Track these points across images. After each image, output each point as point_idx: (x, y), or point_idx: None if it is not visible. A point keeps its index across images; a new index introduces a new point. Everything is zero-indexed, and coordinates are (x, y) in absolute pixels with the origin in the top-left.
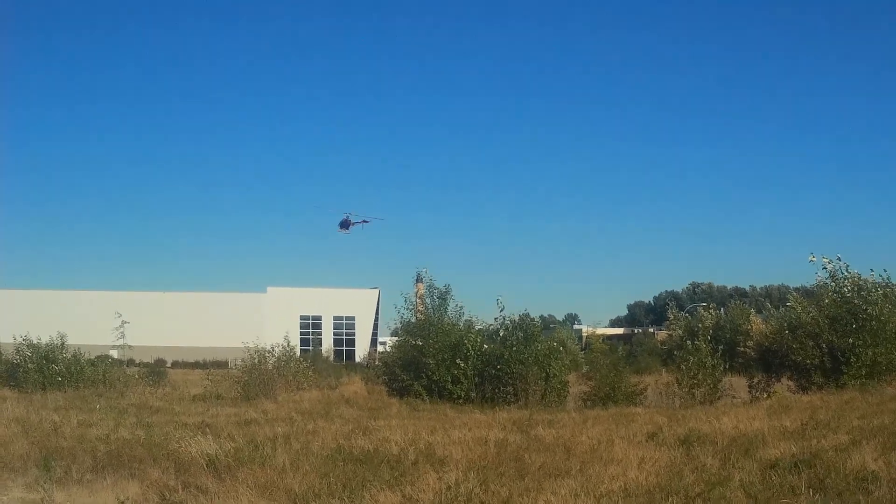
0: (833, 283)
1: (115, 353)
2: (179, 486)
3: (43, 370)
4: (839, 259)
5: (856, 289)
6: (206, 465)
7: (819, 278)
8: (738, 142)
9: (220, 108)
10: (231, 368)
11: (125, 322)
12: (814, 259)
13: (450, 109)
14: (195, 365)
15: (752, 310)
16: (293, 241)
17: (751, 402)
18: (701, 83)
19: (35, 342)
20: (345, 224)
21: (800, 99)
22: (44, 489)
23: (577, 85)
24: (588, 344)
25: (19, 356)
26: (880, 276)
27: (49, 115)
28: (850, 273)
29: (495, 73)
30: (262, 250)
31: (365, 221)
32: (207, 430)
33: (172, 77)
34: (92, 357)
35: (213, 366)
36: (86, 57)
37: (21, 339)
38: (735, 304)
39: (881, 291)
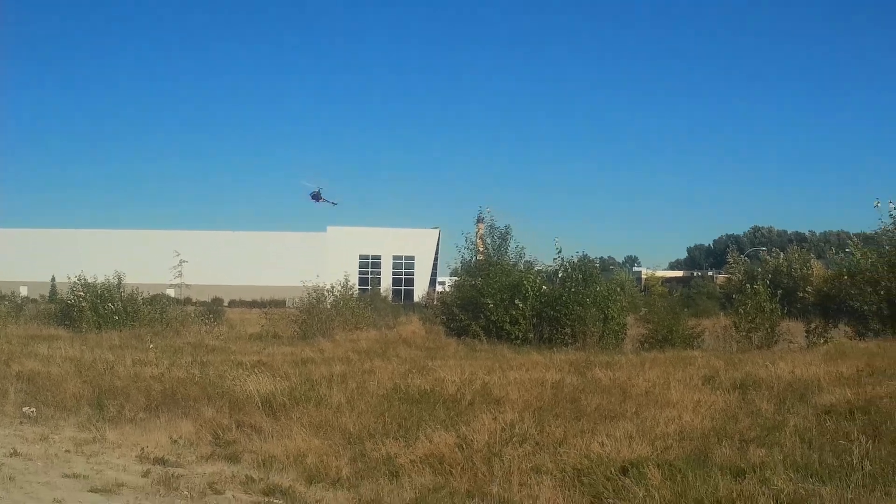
0: (895, 230)
1: (172, 292)
2: (233, 425)
3: (98, 310)
4: None
5: None
6: (261, 404)
7: (882, 224)
8: (800, 86)
9: (278, 46)
10: (289, 308)
11: (183, 261)
12: (878, 204)
13: (506, 54)
14: (252, 304)
15: (813, 255)
16: (354, 180)
17: (807, 347)
18: (759, 29)
19: (90, 282)
20: (315, 196)
21: (863, 43)
22: (96, 428)
23: (632, 35)
24: (647, 286)
25: (74, 296)
26: None
27: (79, 57)
28: None
29: (556, 21)
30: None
31: (334, 203)
32: (263, 368)
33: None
34: (149, 296)
35: (270, 305)
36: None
37: (76, 279)
38: (795, 248)
39: None
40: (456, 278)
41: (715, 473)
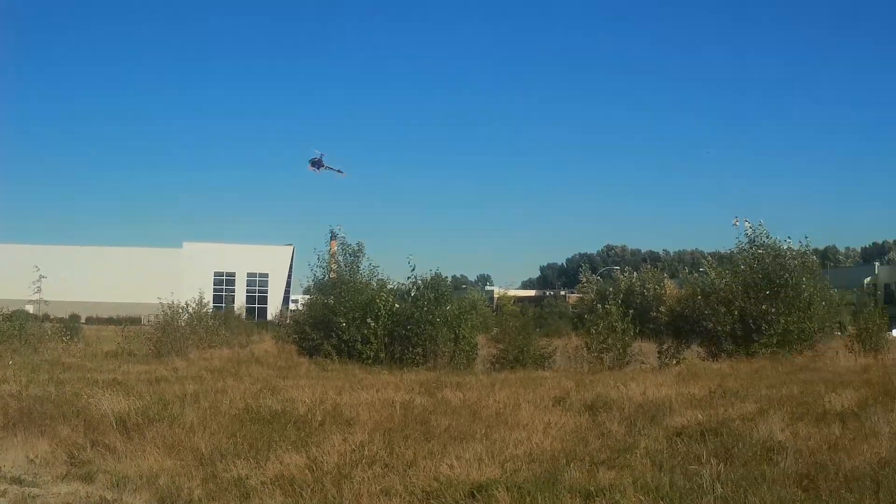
0: (751, 249)
1: (30, 308)
2: (88, 445)
3: None
4: (761, 224)
5: (773, 255)
6: (116, 423)
7: (738, 243)
8: (656, 104)
9: (139, 60)
10: (144, 325)
11: (42, 276)
12: (737, 223)
13: (369, 70)
14: (110, 321)
15: (666, 274)
16: (212, 196)
17: (660, 368)
18: (624, 44)
19: None
20: (317, 163)
21: (724, 59)
22: None
23: (484, 46)
24: (499, 306)
25: None
26: (800, 243)
27: None
28: (769, 239)
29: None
30: (181, 205)
31: (339, 171)
32: (118, 387)
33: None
34: (8, 312)
35: (127, 322)
36: None
37: None
38: (648, 268)
39: (799, 260)
40: (308, 297)
41: (564, 496)
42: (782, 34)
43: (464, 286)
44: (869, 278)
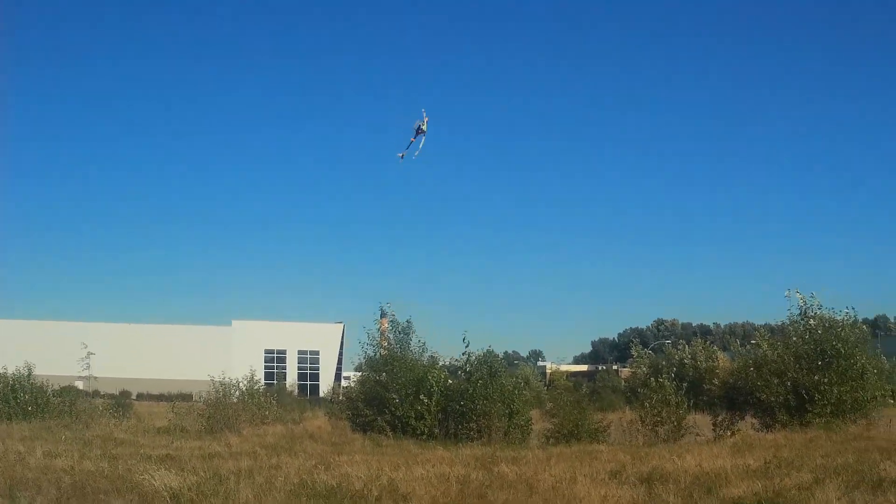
0: (802, 321)
1: (80, 385)
2: None
3: (9, 400)
4: (813, 296)
5: (826, 326)
6: (170, 498)
7: (790, 315)
8: (704, 178)
9: (185, 143)
10: (196, 401)
11: (91, 353)
12: (789, 295)
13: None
14: (160, 397)
15: (717, 347)
16: (260, 272)
17: (714, 440)
18: (666, 119)
19: (1, 372)
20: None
21: (763, 133)
22: None
23: (544, 117)
24: (552, 381)
25: None
26: (847, 313)
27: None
28: (821, 310)
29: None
30: (229, 282)
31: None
32: (171, 462)
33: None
34: (58, 388)
35: (178, 398)
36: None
37: None
38: (699, 341)
39: (852, 330)
40: (361, 373)
41: None
42: (824, 104)
43: (516, 362)
44: None
